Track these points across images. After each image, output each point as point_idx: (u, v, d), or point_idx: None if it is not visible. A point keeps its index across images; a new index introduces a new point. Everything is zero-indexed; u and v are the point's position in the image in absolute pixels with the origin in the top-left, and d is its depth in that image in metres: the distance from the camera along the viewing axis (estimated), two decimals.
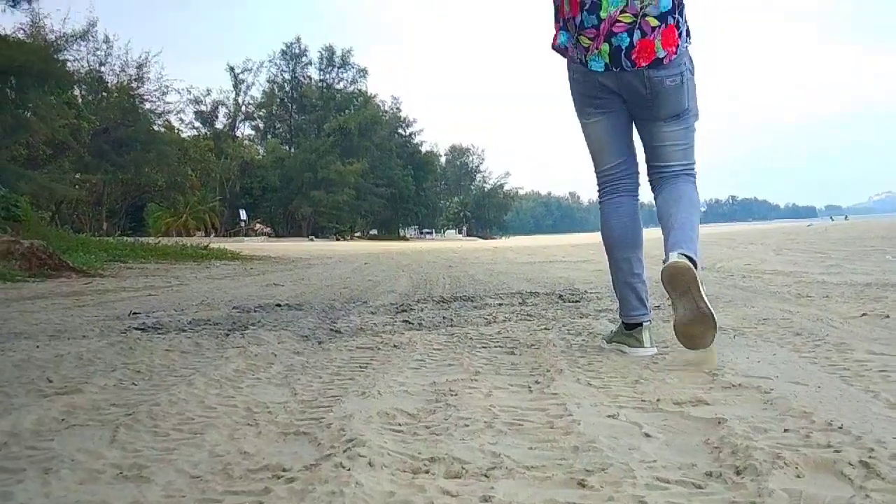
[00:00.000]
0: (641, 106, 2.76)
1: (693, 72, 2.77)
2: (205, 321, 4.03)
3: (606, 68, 2.66)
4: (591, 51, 2.66)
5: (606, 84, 2.72)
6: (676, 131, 2.80)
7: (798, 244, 13.85)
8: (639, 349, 2.72)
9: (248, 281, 8.27)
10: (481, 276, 8.31)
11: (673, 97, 2.71)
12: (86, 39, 44.97)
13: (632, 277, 2.84)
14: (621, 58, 2.62)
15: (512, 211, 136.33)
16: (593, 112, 2.83)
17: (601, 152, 2.90)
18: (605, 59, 2.64)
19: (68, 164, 37.55)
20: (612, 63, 2.64)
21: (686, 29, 2.72)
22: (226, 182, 64.22)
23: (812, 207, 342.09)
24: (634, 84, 2.68)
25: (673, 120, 2.77)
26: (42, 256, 8.49)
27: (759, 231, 30.79)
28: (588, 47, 2.66)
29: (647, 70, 2.63)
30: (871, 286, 5.05)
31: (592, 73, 2.70)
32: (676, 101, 2.72)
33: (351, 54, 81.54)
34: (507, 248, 24.13)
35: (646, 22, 2.58)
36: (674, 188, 2.85)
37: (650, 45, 2.59)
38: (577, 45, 2.71)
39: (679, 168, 2.85)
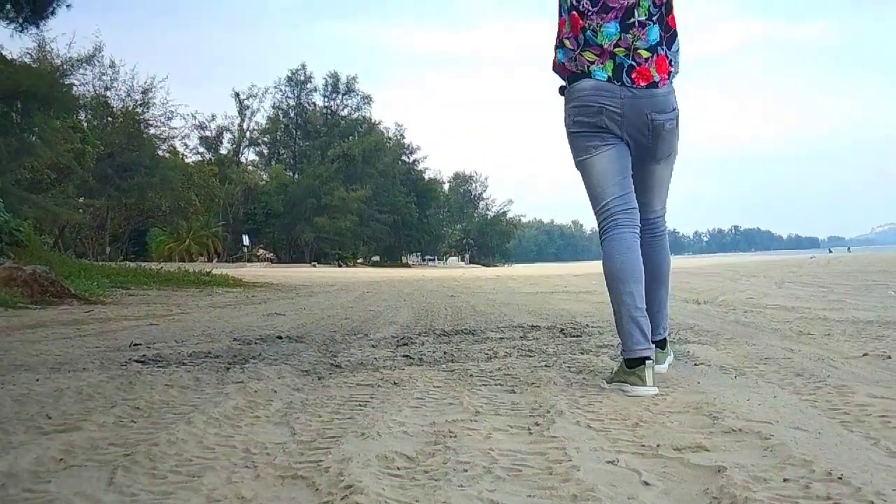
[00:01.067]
0: (640, 147, 2.97)
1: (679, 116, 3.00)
2: (205, 354, 4.03)
3: (609, 80, 2.86)
4: (595, 63, 2.88)
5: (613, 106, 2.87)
6: (665, 173, 3.14)
7: (800, 277, 13.83)
8: (640, 388, 2.71)
9: (249, 310, 8.27)
10: (483, 306, 8.30)
11: (669, 140, 2.98)
12: (91, 64, 45.34)
13: (636, 311, 2.85)
14: (623, 74, 2.85)
15: (514, 239, 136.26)
16: (600, 144, 2.94)
17: (604, 185, 2.97)
18: (609, 72, 2.87)
19: (72, 188, 37.64)
20: (614, 76, 2.86)
21: (676, 61, 2.96)
22: (229, 207, 64.39)
23: (815, 238, 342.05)
24: (638, 124, 2.90)
25: (664, 161, 3.07)
26: (44, 283, 8.50)
27: (761, 263, 30.78)
28: (593, 61, 2.88)
29: (646, 101, 2.86)
30: (872, 323, 5.05)
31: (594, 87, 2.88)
32: (670, 143, 3.00)
33: (356, 81, 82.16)
34: (509, 276, 24.13)
35: (638, 54, 2.86)
36: (656, 258, 3.15)
37: (646, 71, 2.86)
38: (578, 58, 2.92)
39: (658, 220, 3.19)
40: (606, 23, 2.85)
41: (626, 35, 2.84)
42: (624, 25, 2.85)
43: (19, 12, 16.28)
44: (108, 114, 46.56)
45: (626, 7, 2.84)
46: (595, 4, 2.86)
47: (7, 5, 16.12)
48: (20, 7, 16.24)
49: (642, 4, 2.85)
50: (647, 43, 2.86)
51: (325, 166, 71.80)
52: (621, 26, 2.85)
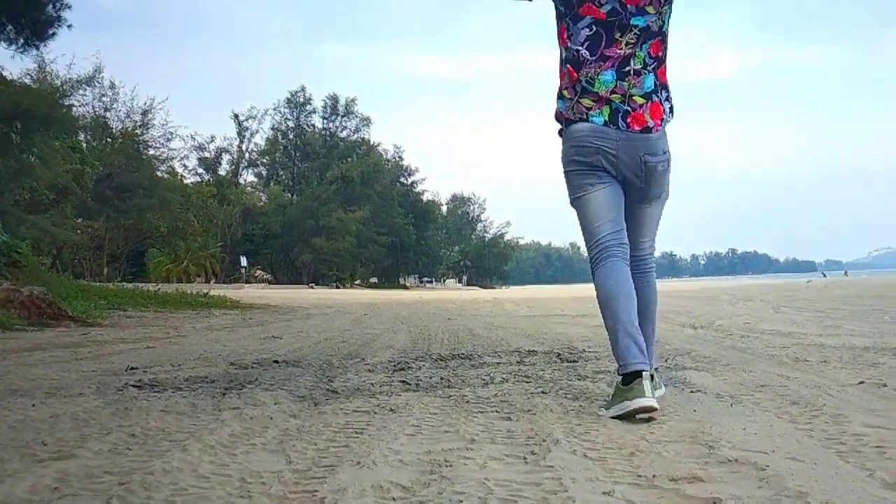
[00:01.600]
0: (633, 187, 3.12)
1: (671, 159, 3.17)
2: (202, 378, 4.03)
3: (605, 124, 3.01)
4: (592, 109, 3.03)
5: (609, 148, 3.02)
6: (655, 213, 3.28)
7: (797, 301, 13.84)
8: (640, 399, 2.73)
9: (246, 333, 8.26)
10: (480, 330, 8.30)
11: (661, 181, 3.15)
12: (91, 85, 45.47)
13: (631, 328, 2.93)
14: (619, 119, 3.01)
15: (512, 261, 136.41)
16: (595, 182, 3.09)
17: (599, 221, 3.10)
18: (605, 117, 3.02)
19: (71, 208, 37.67)
20: (610, 121, 3.01)
21: (670, 107, 3.13)
22: (227, 228, 64.45)
23: (812, 262, 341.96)
24: (632, 166, 3.05)
25: (655, 201, 3.23)
26: (41, 305, 8.49)
27: (758, 286, 30.79)
28: (590, 107, 3.04)
29: (640, 144, 3.02)
30: (868, 350, 5.05)
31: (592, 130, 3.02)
32: (662, 184, 3.17)
33: (355, 103, 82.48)
34: (506, 299, 24.12)
35: (633, 100, 3.02)
36: (645, 293, 3.23)
37: (641, 116, 3.02)
38: (576, 105, 3.07)
39: (647, 257, 3.33)
40: (604, 71, 3.02)
41: (622, 83, 3.01)
42: (620, 73, 3.01)
43: (20, 33, 16.35)
44: (108, 135, 46.69)
45: (623, 57, 3.01)
46: (593, 54, 3.02)
47: (9, 27, 16.20)
48: (21, 28, 16.31)
49: (638, 55, 3.02)
50: (641, 90, 3.03)
51: (323, 188, 71.97)
52: (617, 74, 3.01)
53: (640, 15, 3.00)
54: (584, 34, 3.03)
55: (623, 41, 3.01)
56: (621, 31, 3.00)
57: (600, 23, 3.01)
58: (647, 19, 3.01)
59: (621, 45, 3.01)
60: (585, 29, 3.03)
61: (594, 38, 3.02)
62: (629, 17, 3.00)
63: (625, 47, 3.01)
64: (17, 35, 16.36)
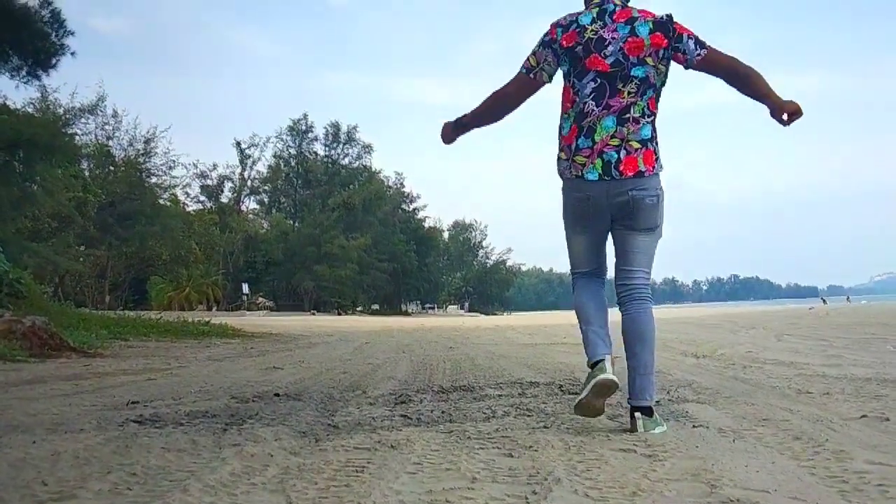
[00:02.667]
0: (624, 217, 3.40)
1: (663, 194, 3.44)
2: (202, 413, 4.02)
3: (600, 178, 3.32)
4: (586, 165, 3.35)
5: (597, 200, 3.38)
6: (645, 241, 3.46)
7: (799, 329, 13.82)
8: (601, 375, 3.22)
9: (247, 363, 8.24)
10: (482, 359, 8.29)
11: (649, 213, 3.38)
12: (94, 114, 45.79)
13: (599, 329, 3.44)
14: (611, 169, 3.31)
15: (514, 287, 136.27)
16: (581, 230, 3.54)
17: (579, 258, 3.63)
18: (599, 170, 3.33)
19: (73, 237, 37.80)
20: (604, 173, 3.32)
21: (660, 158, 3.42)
22: (229, 256, 64.52)
23: (814, 287, 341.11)
24: (622, 200, 3.34)
25: (645, 231, 3.44)
26: (43, 336, 8.49)
27: (760, 313, 30.74)
28: (584, 164, 3.35)
29: (631, 186, 3.31)
30: (870, 381, 5.05)
31: (586, 186, 3.37)
32: (651, 216, 3.40)
33: (356, 131, 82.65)
34: (508, 326, 24.08)
35: (630, 145, 3.32)
36: (639, 320, 3.43)
37: (634, 161, 3.32)
38: (572, 165, 3.40)
39: (640, 286, 3.46)
40: (605, 118, 3.33)
41: (622, 128, 3.32)
42: (620, 120, 3.32)
43: (24, 62, 16.45)
44: (111, 163, 46.91)
45: (625, 105, 3.33)
46: (599, 105, 3.33)
47: (14, 58, 16.31)
48: (25, 57, 16.42)
49: (638, 104, 3.34)
50: (639, 136, 3.34)
51: (325, 215, 72.06)
52: (618, 120, 3.32)
53: (640, 65, 3.32)
54: (590, 87, 3.35)
55: (625, 90, 3.32)
56: (623, 81, 3.32)
57: (604, 75, 3.33)
58: (647, 70, 3.33)
59: (623, 94, 3.32)
60: (591, 83, 3.35)
61: (599, 90, 3.33)
62: (630, 67, 3.31)
63: (627, 97, 3.32)
64: (21, 63, 16.47)
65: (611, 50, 3.32)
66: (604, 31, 3.35)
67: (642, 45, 3.32)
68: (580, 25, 3.39)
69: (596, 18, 3.38)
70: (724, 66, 3.39)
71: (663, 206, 3.44)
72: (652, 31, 3.33)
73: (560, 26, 3.43)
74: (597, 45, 3.34)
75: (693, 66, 3.39)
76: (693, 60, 3.36)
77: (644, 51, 3.31)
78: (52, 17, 15.76)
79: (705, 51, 3.36)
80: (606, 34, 3.34)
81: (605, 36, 3.34)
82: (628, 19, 3.36)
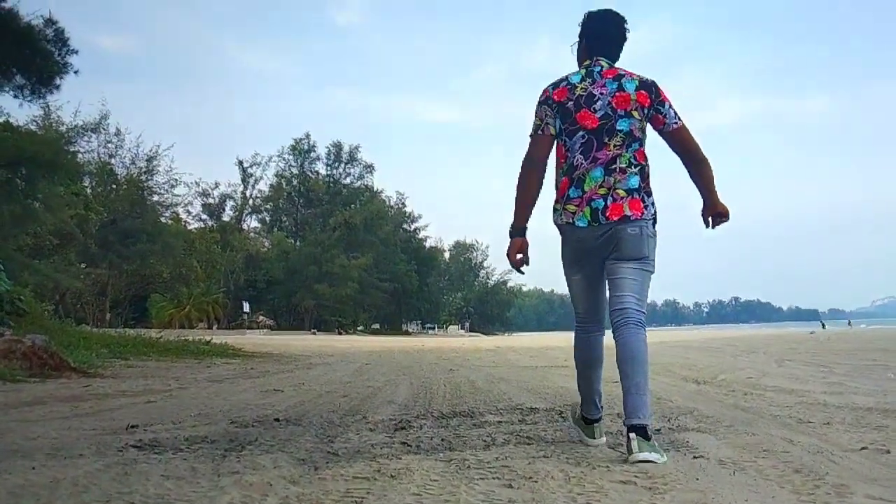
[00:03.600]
0: (611, 251, 3.62)
1: (654, 236, 3.66)
2: (202, 438, 4.01)
3: (588, 224, 3.61)
4: (576, 213, 3.64)
5: (589, 244, 3.65)
6: (634, 271, 3.61)
7: (800, 354, 13.80)
8: (592, 440, 3.86)
9: (247, 385, 8.23)
10: (482, 382, 8.28)
11: (634, 243, 3.57)
12: (97, 132, 45.98)
13: (593, 389, 3.89)
14: (599, 216, 3.59)
15: (515, 307, 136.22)
16: (577, 272, 3.81)
17: (578, 301, 3.88)
18: (587, 217, 3.61)
19: (74, 254, 37.83)
20: (591, 219, 3.60)
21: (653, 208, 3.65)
22: (230, 274, 64.55)
23: (815, 311, 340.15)
24: (607, 235, 3.60)
25: (634, 261, 3.60)
26: (43, 356, 8.48)
27: (761, 338, 30.68)
28: (574, 212, 3.65)
29: (616, 224, 3.56)
30: (872, 411, 5.04)
31: (577, 232, 3.66)
32: (636, 247, 3.58)
33: (358, 150, 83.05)
34: (508, 347, 24.04)
35: (616, 193, 3.58)
36: (630, 345, 3.51)
37: (620, 207, 3.57)
38: (564, 214, 3.71)
39: (633, 312, 3.56)
40: (593, 169, 3.61)
41: (609, 178, 3.58)
42: (608, 170, 3.59)
43: (28, 80, 16.51)
44: (113, 181, 47.03)
45: (611, 157, 3.59)
46: (587, 159, 3.62)
47: (17, 76, 16.37)
48: (29, 76, 16.48)
49: (624, 155, 3.60)
50: (626, 185, 3.59)
51: (326, 234, 72.24)
52: (605, 170, 3.59)
53: (626, 118, 3.60)
54: (579, 143, 3.63)
55: (612, 143, 3.60)
56: (609, 135, 3.60)
57: (591, 132, 3.62)
58: (632, 123, 3.60)
59: (610, 147, 3.60)
60: (580, 139, 3.64)
61: (587, 145, 3.62)
62: (617, 119, 3.59)
63: (613, 149, 3.60)
64: (24, 81, 16.53)
65: (600, 104, 3.62)
66: (593, 87, 3.66)
67: (629, 99, 3.60)
68: (570, 84, 3.71)
69: (585, 77, 3.71)
70: (691, 145, 3.70)
71: (653, 243, 3.65)
72: (638, 88, 3.62)
73: (551, 85, 3.75)
74: (587, 101, 3.64)
75: (666, 133, 3.67)
76: (670, 127, 3.65)
77: (630, 105, 3.59)
78: (55, 35, 15.83)
79: (681, 122, 3.66)
80: (596, 90, 3.65)
81: (595, 92, 3.65)
82: (615, 76, 3.67)
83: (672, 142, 3.69)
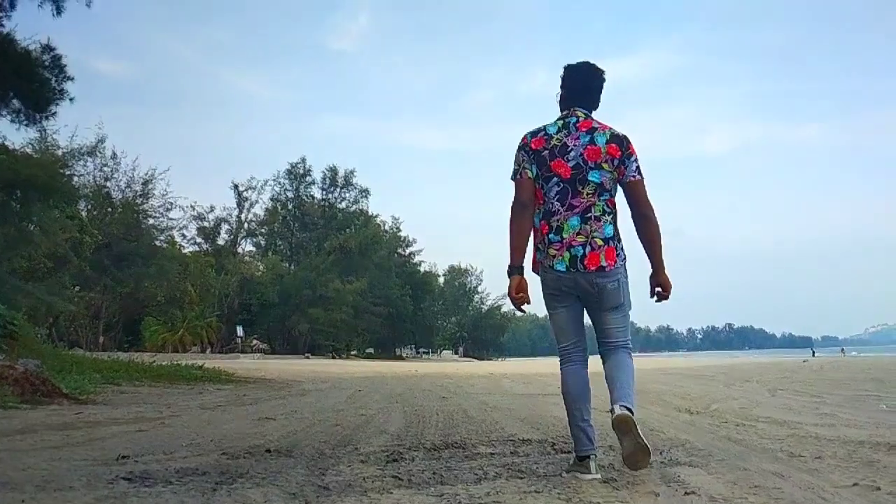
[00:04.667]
0: (591, 301, 3.97)
1: (627, 277, 3.99)
2: (192, 470, 4.00)
3: (567, 269, 3.89)
4: (556, 258, 3.92)
5: (567, 285, 3.94)
6: (616, 317, 3.99)
7: (793, 384, 13.81)
8: (587, 475, 3.77)
9: (239, 412, 8.21)
10: (475, 411, 8.27)
11: (613, 295, 3.92)
12: (93, 155, 45.99)
13: (582, 422, 3.91)
14: (577, 262, 3.87)
15: (509, 332, 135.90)
16: (557, 306, 4.04)
17: (561, 333, 4.08)
18: (566, 262, 3.89)
19: (68, 277, 37.73)
20: (570, 265, 3.89)
21: (623, 253, 3.97)
22: (224, 298, 64.39)
23: (808, 338, 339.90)
24: (586, 286, 3.90)
25: (614, 310, 3.97)
26: (35, 382, 8.45)
27: (755, 366, 30.70)
28: (555, 255, 3.92)
29: (594, 277, 3.86)
30: (863, 445, 5.05)
31: (557, 273, 3.93)
32: (615, 298, 3.94)
33: (354, 175, 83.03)
34: (502, 374, 23.98)
35: (594, 241, 3.87)
36: (616, 359, 3.97)
37: (597, 257, 3.86)
38: (546, 256, 3.97)
39: (620, 343, 4.01)
40: (570, 217, 3.89)
41: (586, 226, 3.88)
42: (584, 219, 3.88)
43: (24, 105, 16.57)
44: (108, 204, 47.00)
45: (585, 206, 3.89)
46: (563, 206, 3.91)
47: (14, 101, 16.43)
48: (24, 101, 16.54)
49: (597, 205, 3.90)
50: (602, 234, 3.89)
51: (321, 258, 72.13)
52: (581, 219, 3.88)
53: (597, 170, 3.88)
54: (555, 191, 3.92)
55: (584, 192, 3.89)
56: (582, 184, 3.89)
57: (565, 180, 3.90)
58: (602, 175, 3.89)
59: (583, 195, 3.89)
60: (555, 186, 3.92)
61: (562, 192, 3.90)
62: (588, 171, 3.88)
63: (587, 197, 3.89)
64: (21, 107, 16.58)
65: (572, 155, 3.90)
66: (567, 138, 3.94)
67: (599, 152, 3.88)
68: (547, 134, 3.99)
69: (561, 128, 3.98)
70: (641, 199, 3.94)
71: (627, 287, 3.99)
72: (608, 142, 3.90)
73: (530, 133, 4.04)
74: (560, 151, 3.92)
75: (624, 183, 3.93)
76: (627, 179, 3.91)
77: (601, 157, 3.88)
78: (52, 61, 15.91)
79: (640, 177, 3.93)
80: (570, 142, 3.93)
81: (569, 143, 3.93)
82: (589, 129, 3.95)
83: (627, 193, 3.95)
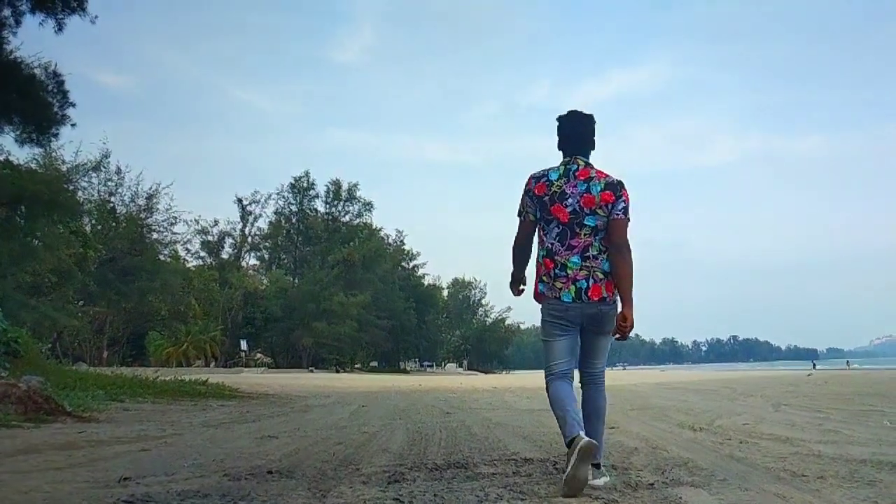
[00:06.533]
0: (594, 325, 4.41)
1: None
2: (194, 492, 4.01)
3: (573, 300, 4.34)
4: (563, 290, 4.37)
5: (573, 314, 4.36)
6: (606, 342, 4.53)
7: (797, 398, 13.78)
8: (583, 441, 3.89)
9: (242, 430, 8.21)
10: (477, 428, 8.26)
11: (610, 322, 4.40)
12: (98, 170, 46.15)
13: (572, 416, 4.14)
14: (582, 294, 4.34)
15: (513, 345, 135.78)
16: (558, 335, 4.43)
17: (555, 357, 4.43)
18: (572, 294, 4.35)
19: (72, 292, 37.79)
20: (576, 297, 4.34)
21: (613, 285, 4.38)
22: (228, 312, 64.46)
23: (813, 350, 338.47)
24: (592, 313, 4.37)
25: (605, 335, 4.48)
26: (38, 400, 8.46)
27: (759, 379, 30.60)
28: (561, 288, 4.37)
29: (598, 305, 4.34)
30: (866, 464, 5.04)
31: (564, 304, 4.35)
32: (610, 324, 4.40)
33: (357, 188, 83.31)
34: (505, 388, 23.91)
35: (596, 275, 4.35)
36: (593, 398, 4.55)
37: (598, 289, 4.34)
38: (552, 288, 4.41)
39: (598, 369, 4.57)
40: (572, 256, 4.36)
41: (586, 264, 4.34)
42: (583, 257, 4.35)
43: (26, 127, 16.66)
44: (112, 219, 47.11)
45: (584, 245, 4.35)
46: (563, 246, 4.38)
47: (15, 119, 16.51)
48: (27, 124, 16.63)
49: (594, 245, 4.36)
50: (601, 269, 4.36)
51: (325, 272, 72.21)
52: (581, 258, 4.35)
53: (592, 216, 4.33)
54: (555, 232, 4.39)
55: (581, 233, 4.34)
56: (579, 228, 4.35)
57: (564, 224, 4.37)
58: (597, 220, 4.34)
59: (581, 236, 4.35)
60: (555, 228, 4.39)
61: (562, 234, 4.37)
62: (584, 216, 4.33)
63: (584, 237, 4.35)
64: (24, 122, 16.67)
65: (570, 202, 4.35)
66: (566, 186, 4.38)
67: (594, 200, 4.33)
68: (549, 180, 4.42)
69: (562, 175, 4.41)
70: (619, 235, 4.34)
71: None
72: (603, 190, 4.34)
73: (534, 178, 4.49)
74: (559, 197, 4.37)
75: (608, 221, 4.34)
76: (613, 215, 4.34)
77: (595, 204, 4.32)
78: (56, 86, 16.06)
79: (623, 217, 4.35)
80: (568, 189, 4.37)
81: (567, 191, 4.37)
82: (586, 178, 4.38)
83: (609, 228, 4.35)
